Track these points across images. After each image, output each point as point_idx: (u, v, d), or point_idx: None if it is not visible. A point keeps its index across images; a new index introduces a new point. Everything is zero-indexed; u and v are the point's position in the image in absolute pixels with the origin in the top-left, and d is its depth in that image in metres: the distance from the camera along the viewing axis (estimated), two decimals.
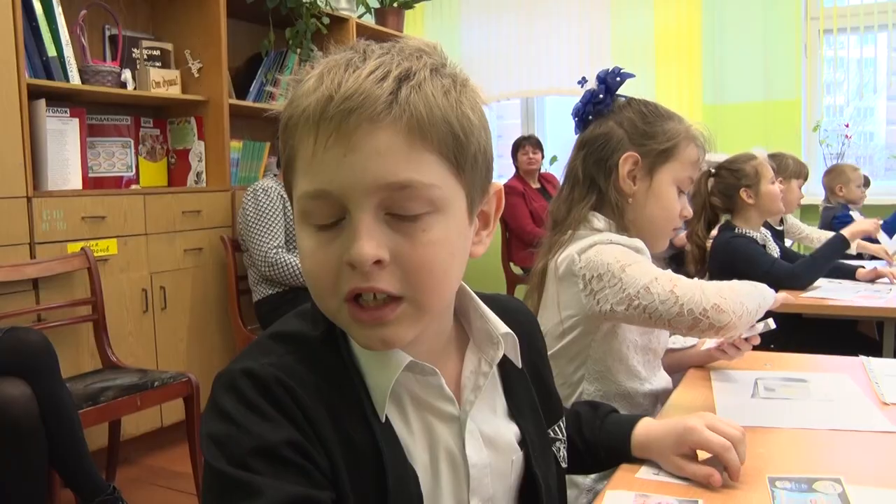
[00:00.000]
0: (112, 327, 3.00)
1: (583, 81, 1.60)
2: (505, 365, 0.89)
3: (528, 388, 0.93)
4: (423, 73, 0.73)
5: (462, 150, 0.75)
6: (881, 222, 3.13)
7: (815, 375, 1.48)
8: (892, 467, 1.06)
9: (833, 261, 2.78)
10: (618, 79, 1.56)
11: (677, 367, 1.64)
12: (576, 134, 1.62)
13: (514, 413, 0.90)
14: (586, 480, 1.40)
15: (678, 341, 1.68)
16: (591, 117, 1.58)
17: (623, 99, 1.58)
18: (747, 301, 1.37)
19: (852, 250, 2.87)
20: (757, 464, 0.99)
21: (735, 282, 1.41)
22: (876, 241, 3.78)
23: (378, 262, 0.71)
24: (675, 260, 3.96)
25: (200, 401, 2.76)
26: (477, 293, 0.89)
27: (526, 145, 5.35)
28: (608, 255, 1.41)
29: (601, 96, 1.56)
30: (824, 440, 1.16)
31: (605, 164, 1.52)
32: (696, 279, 1.38)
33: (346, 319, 0.75)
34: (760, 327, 1.49)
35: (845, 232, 2.79)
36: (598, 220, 1.51)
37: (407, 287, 0.73)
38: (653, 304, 1.34)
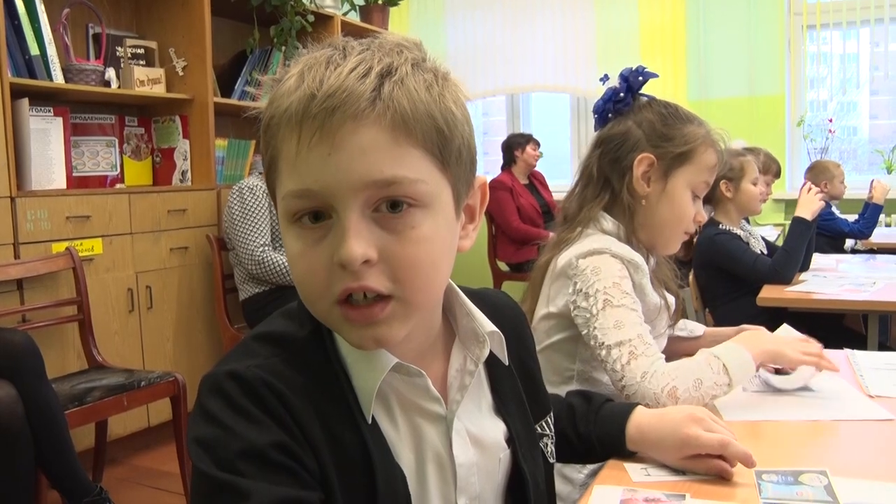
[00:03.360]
0: (98, 327, 2.98)
1: (604, 79, 1.60)
2: (492, 361, 0.89)
3: (516, 385, 0.93)
4: (404, 69, 0.72)
5: (446, 144, 0.74)
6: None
7: (800, 369, 1.49)
8: (876, 459, 1.07)
9: (804, 245, 2.78)
10: (640, 78, 1.55)
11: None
12: (595, 131, 1.62)
13: (501, 409, 0.90)
14: (579, 476, 1.40)
15: (686, 328, 1.70)
16: (610, 115, 1.57)
17: (645, 98, 1.57)
18: (699, 374, 1.27)
19: None
20: None
21: (685, 360, 1.32)
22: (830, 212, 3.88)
23: (367, 262, 0.70)
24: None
25: (187, 400, 2.75)
26: (464, 288, 0.89)
27: (531, 141, 5.37)
28: (603, 276, 1.38)
29: (622, 94, 1.55)
30: (810, 433, 1.18)
31: (621, 163, 1.52)
32: (657, 361, 1.30)
33: (338, 320, 0.74)
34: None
35: (800, 214, 2.78)
36: (608, 222, 1.50)
37: (396, 285, 0.72)
38: (607, 362, 1.32)
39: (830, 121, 5.26)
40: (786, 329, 1.57)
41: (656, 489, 0.96)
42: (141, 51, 3.61)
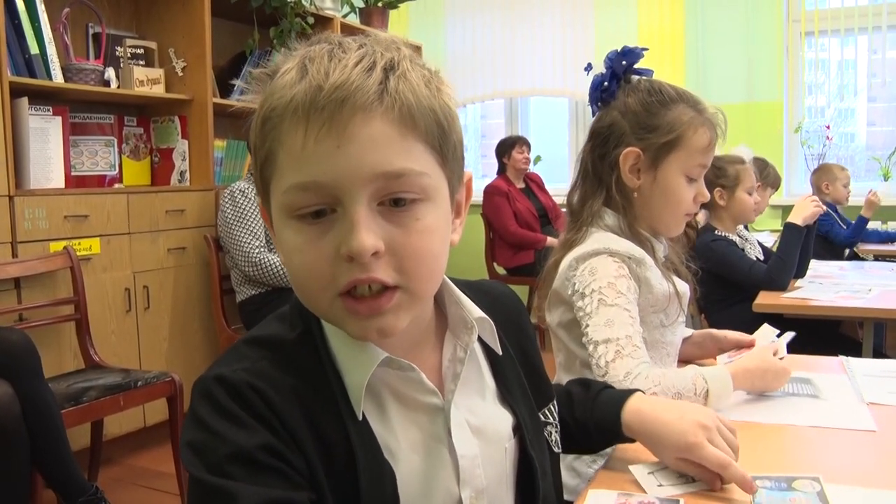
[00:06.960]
0: (95, 327, 2.99)
1: (588, 68, 1.57)
2: (492, 349, 0.89)
3: (518, 372, 0.93)
4: (405, 64, 0.73)
5: (446, 138, 0.76)
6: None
7: (795, 374, 1.50)
8: (869, 466, 1.07)
9: (797, 250, 2.78)
10: (623, 62, 1.50)
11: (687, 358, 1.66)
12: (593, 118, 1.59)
13: (507, 397, 0.89)
14: (589, 470, 1.39)
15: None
16: (599, 104, 1.54)
17: (634, 79, 1.53)
18: (681, 389, 1.28)
19: None
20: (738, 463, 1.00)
21: (674, 371, 1.33)
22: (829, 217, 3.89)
23: (375, 254, 0.71)
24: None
25: (184, 401, 2.75)
26: (462, 280, 0.89)
27: (521, 144, 5.34)
28: (599, 277, 1.38)
29: (606, 83, 1.52)
30: (803, 439, 1.18)
31: (608, 159, 1.50)
32: (642, 364, 1.30)
33: (340, 313, 0.74)
34: (786, 339, 1.47)
35: (791, 219, 2.79)
36: (610, 217, 1.49)
37: (402, 276, 0.73)
38: (593, 357, 1.32)
39: (828, 127, 5.27)
40: (765, 329, 1.58)
41: (651, 493, 0.97)
42: (140, 51, 3.61)
